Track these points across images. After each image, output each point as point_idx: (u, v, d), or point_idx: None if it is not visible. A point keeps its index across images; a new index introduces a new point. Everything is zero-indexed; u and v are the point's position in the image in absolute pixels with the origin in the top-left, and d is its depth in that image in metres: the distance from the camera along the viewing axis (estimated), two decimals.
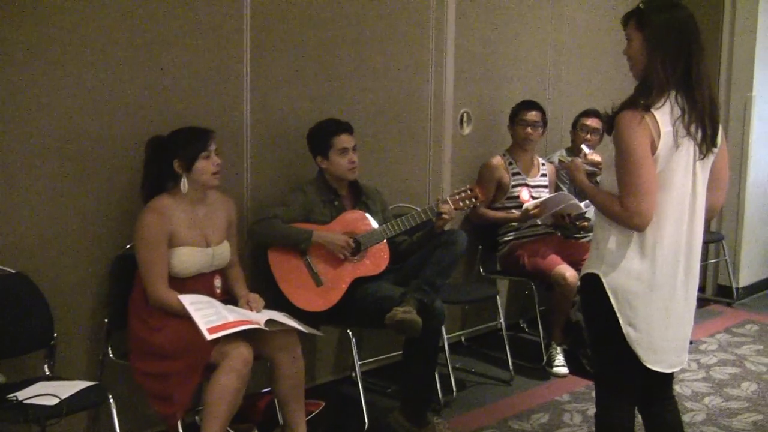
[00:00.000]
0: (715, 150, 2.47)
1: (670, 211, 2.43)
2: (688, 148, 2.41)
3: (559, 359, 4.39)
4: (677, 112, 2.37)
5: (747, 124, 5.69)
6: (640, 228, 2.41)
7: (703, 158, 2.44)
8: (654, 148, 2.36)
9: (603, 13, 5.51)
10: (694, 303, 2.58)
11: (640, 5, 2.44)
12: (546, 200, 4.37)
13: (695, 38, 2.39)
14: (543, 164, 4.73)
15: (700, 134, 2.40)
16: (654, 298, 2.46)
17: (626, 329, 2.46)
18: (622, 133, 2.36)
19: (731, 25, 5.73)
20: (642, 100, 2.38)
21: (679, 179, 2.42)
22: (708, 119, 2.40)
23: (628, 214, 2.38)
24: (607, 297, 2.47)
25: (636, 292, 2.45)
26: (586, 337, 4.24)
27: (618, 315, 2.47)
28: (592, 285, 2.52)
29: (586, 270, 2.57)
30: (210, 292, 3.16)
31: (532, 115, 4.54)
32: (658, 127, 2.35)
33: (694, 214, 2.48)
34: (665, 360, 2.52)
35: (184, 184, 3.11)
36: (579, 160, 2.77)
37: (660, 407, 2.65)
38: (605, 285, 2.48)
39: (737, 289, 5.85)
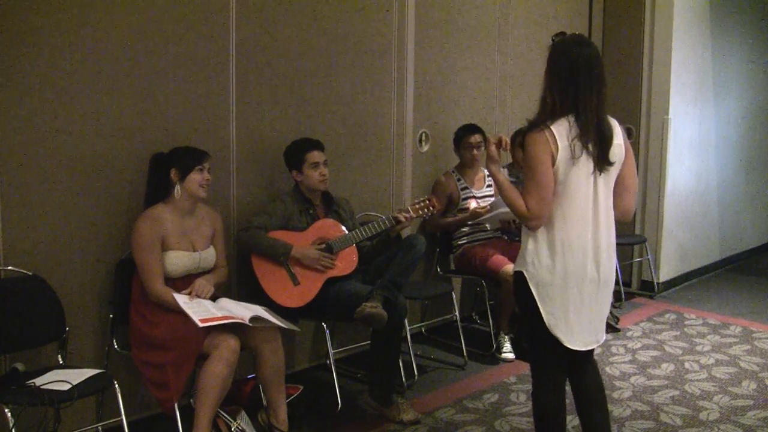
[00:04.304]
0: (610, 167, 2.53)
1: (575, 216, 2.51)
2: (588, 163, 2.48)
3: (507, 346, 4.41)
4: (575, 131, 2.45)
5: (665, 142, 5.76)
6: (535, 227, 2.51)
7: (602, 174, 2.52)
8: (554, 160, 2.45)
9: (541, 47, 5.56)
10: (606, 292, 2.62)
11: (553, 40, 2.54)
12: (493, 201, 4.42)
13: (585, 73, 2.44)
14: (488, 176, 4.69)
15: (596, 152, 2.48)
16: (567, 290, 2.52)
17: (546, 317, 2.53)
18: (528, 149, 2.48)
19: (650, 59, 5.81)
20: (542, 121, 2.48)
21: (582, 189, 2.50)
22: (600, 141, 2.48)
23: (529, 214, 2.48)
24: (531, 290, 2.54)
25: (552, 285, 2.52)
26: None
27: (539, 305, 2.53)
28: (520, 281, 2.59)
29: (515, 269, 2.65)
30: None
31: (476, 138, 4.54)
32: (556, 142, 2.44)
33: (597, 218, 2.53)
34: (581, 340, 2.58)
35: (177, 191, 3.13)
36: (493, 149, 2.71)
37: (582, 375, 2.70)
38: (528, 280, 2.55)
39: (658, 283, 5.89)
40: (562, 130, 2.45)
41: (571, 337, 2.56)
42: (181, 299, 3.02)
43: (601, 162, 2.50)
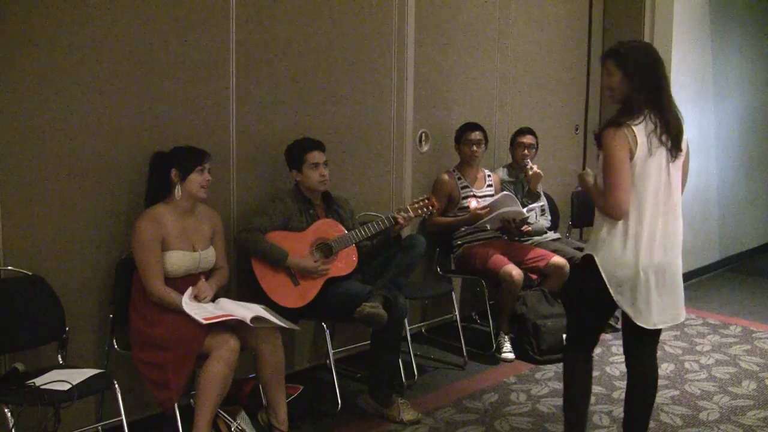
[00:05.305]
0: (681, 154, 2.72)
1: (648, 206, 2.69)
2: (661, 153, 2.67)
3: (507, 346, 4.41)
4: (650, 126, 2.64)
5: None
6: (617, 217, 2.67)
7: (674, 161, 2.71)
8: (632, 155, 2.63)
9: (541, 48, 5.59)
10: (676, 276, 2.79)
11: (620, 48, 2.72)
12: (492, 201, 4.40)
13: (663, 70, 2.71)
14: (489, 175, 4.72)
15: (669, 143, 2.66)
16: (638, 276, 2.70)
17: (616, 297, 2.73)
18: (606, 144, 2.65)
19: None
20: (623, 119, 2.65)
21: (654, 179, 2.68)
22: (675, 131, 2.67)
23: (608, 205, 2.66)
24: (600, 273, 2.72)
25: (622, 270, 2.70)
26: (529, 326, 4.37)
27: (609, 288, 2.72)
28: (589, 263, 2.77)
29: (586, 251, 2.83)
30: None
31: (476, 135, 4.55)
32: (636, 138, 2.62)
33: (668, 206, 2.73)
34: (649, 320, 2.75)
35: (178, 191, 3.13)
36: (589, 173, 2.91)
37: (640, 368, 2.90)
38: (598, 265, 2.73)
39: None
40: (641, 126, 2.64)
41: (640, 316, 2.73)
42: (185, 299, 3.03)
43: (674, 151, 2.70)
